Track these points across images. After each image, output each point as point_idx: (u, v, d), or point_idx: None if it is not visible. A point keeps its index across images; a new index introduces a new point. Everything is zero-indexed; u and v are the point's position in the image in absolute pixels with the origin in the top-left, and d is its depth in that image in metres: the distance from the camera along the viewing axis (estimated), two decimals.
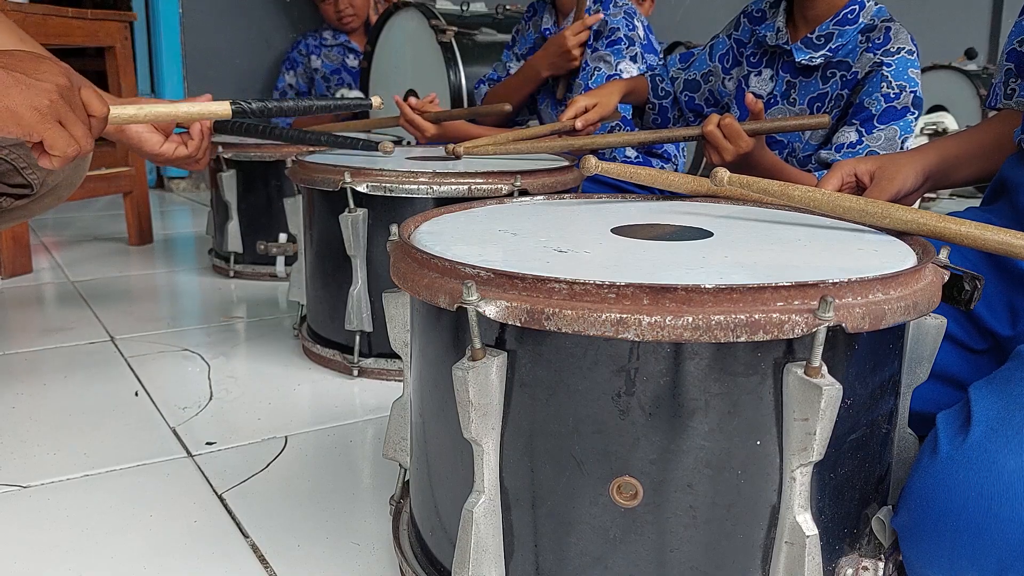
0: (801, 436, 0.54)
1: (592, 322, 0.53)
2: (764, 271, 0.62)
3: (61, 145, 0.77)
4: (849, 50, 1.36)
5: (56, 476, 0.97)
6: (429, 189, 1.17)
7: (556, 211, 0.88)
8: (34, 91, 0.74)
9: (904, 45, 1.34)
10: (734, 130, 1.23)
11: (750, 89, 1.49)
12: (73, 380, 1.27)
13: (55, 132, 0.76)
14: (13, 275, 1.88)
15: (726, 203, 0.93)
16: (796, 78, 1.43)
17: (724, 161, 1.26)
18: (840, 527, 0.62)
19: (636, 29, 1.85)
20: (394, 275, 0.66)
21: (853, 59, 1.36)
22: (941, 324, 0.66)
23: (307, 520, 0.88)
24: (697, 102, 1.63)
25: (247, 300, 1.75)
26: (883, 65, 1.33)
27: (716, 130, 1.24)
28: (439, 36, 2.39)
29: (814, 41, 1.38)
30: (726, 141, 1.24)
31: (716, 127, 1.24)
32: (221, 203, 1.85)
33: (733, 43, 1.56)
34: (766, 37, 1.45)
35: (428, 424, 0.69)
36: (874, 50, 1.34)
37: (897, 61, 1.33)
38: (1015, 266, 0.85)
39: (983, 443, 0.58)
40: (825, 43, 1.37)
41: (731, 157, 1.25)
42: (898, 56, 1.33)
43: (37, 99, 0.74)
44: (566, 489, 0.59)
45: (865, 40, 1.36)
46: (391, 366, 1.27)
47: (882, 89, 1.33)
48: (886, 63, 1.32)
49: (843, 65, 1.37)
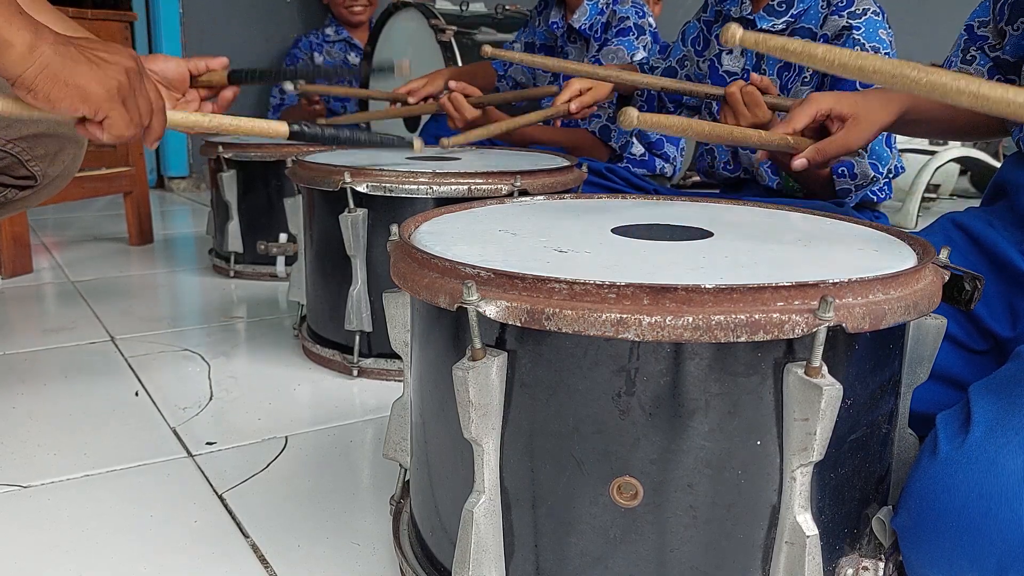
0: (801, 436, 0.54)
1: (592, 322, 0.53)
2: (764, 271, 0.62)
3: (120, 126, 0.79)
4: (810, 15, 1.37)
5: (56, 476, 0.97)
6: (429, 189, 1.17)
7: (556, 211, 0.88)
8: (104, 71, 0.76)
9: (869, 6, 1.35)
10: (755, 98, 1.24)
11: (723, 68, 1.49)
12: (73, 380, 1.27)
13: (119, 112, 0.78)
14: (14, 275, 1.88)
15: (726, 203, 0.93)
16: None
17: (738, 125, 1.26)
18: (840, 527, 0.62)
19: (646, 16, 1.85)
20: (394, 275, 0.66)
21: (816, 24, 1.37)
22: (941, 324, 0.66)
23: (307, 520, 0.88)
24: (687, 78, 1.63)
25: (247, 300, 1.75)
26: (852, 28, 1.33)
27: (737, 93, 1.25)
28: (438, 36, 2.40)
29: (775, 8, 1.39)
30: (744, 107, 1.25)
31: (738, 91, 1.25)
32: (221, 203, 1.85)
33: (703, 25, 1.57)
34: (731, 11, 1.46)
35: (428, 424, 0.69)
36: (838, 12, 1.35)
37: (865, 23, 1.33)
38: (1015, 267, 0.85)
39: (983, 444, 0.58)
40: (787, 9, 1.39)
41: (746, 123, 1.26)
42: (865, 18, 1.34)
43: (106, 79, 0.76)
44: (566, 489, 0.59)
45: (826, 4, 1.37)
46: (391, 366, 1.27)
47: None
48: (855, 26, 1.33)
49: (805, 31, 1.39)
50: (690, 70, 1.59)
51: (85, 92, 0.75)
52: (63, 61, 0.73)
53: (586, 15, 1.83)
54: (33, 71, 0.72)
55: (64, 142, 1.16)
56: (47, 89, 0.73)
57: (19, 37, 0.70)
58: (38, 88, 0.73)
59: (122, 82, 0.78)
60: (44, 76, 0.72)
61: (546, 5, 2.01)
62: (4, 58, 0.70)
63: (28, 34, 0.71)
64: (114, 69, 0.77)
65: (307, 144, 1.54)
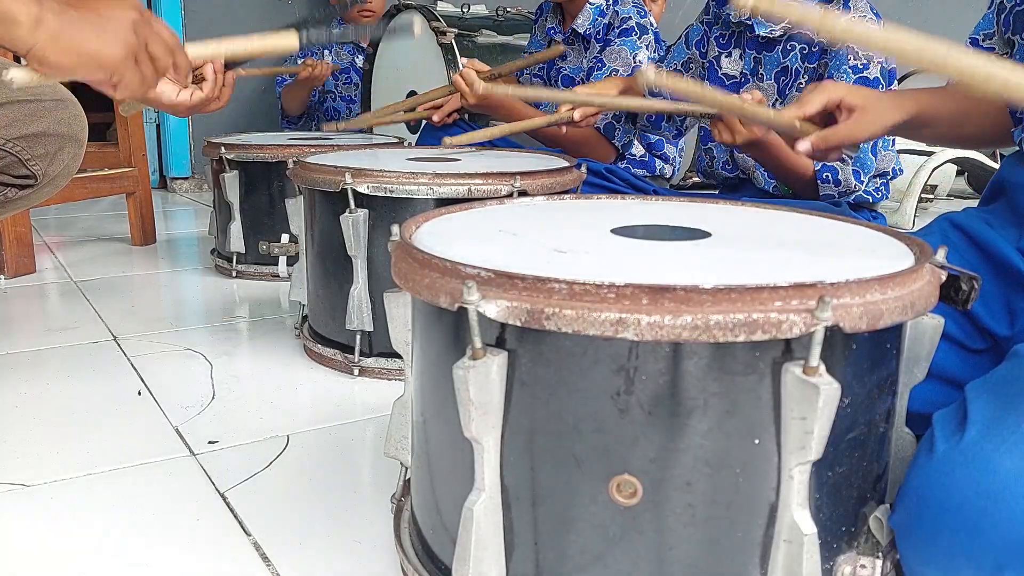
0: (799, 435, 0.55)
1: (591, 322, 0.53)
2: (762, 271, 0.63)
3: (134, 84, 0.78)
4: None
5: (59, 475, 0.97)
6: (429, 190, 1.17)
7: (556, 211, 0.89)
8: (110, 31, 0.75)
9: (864, 14, 1.35)
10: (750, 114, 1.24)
11: (722, 71, 1.50)
12: (76, 379, 1.28)
13: (132, 72, 0.77)
14: (17, 275, 1.89)
15: (725, 203, 0.93)
16: (760, 53, 1.46)
17: (735, 142, 1.28)
18: (838, 525, 0.62)
19: (647, 16, 1.85)
20: (395, 275, 0.67)
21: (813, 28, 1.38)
22: (939, 324, 0.66)
23: (309, 518, 0.88)
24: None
25: (249, 300, 1.75)
26: None
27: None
28: (440, 38, 2.40)
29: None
30: (739, 123, 1.25)
31: None
32: (224, 204, 1.86)
33: (705, 28, 1.57)
34: (730, 16, 1.47)
35: (429, 423, 0.70)
36: None
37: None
38: (1013, 266, 0.85)
39: (979, 442, 0.58)
40: None
41: (742, 140, 1.26)
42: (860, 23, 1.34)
43: (115, 40, 0.75)
44: (566, 487, 0.59)
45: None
46: (391, 365, 1.28)
47: (849, 61, 1.34)
48: None
49: (802, 37, 1.39)
50: (695, 72, 1.60)
51: (97, 57, 0.74)
52: (70, 29, 0.72)
53: (590, 20, 1.83)
54: (42, 44, 0.71)
55: (64, 141, 1.16)
56: (58, 60, 0.72)
57: (24, 11, 0.70)
58: (49, 59, 0.72)
59: (130, 40, 0.76)
60: (54, 48, 0.72)
61: (541, 13, 2.02)
62: (12, 34, 0.70)
63: (34, 6, 0.70)
64: (120, 25, 0.76)
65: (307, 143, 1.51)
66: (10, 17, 0.69)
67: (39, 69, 0.73)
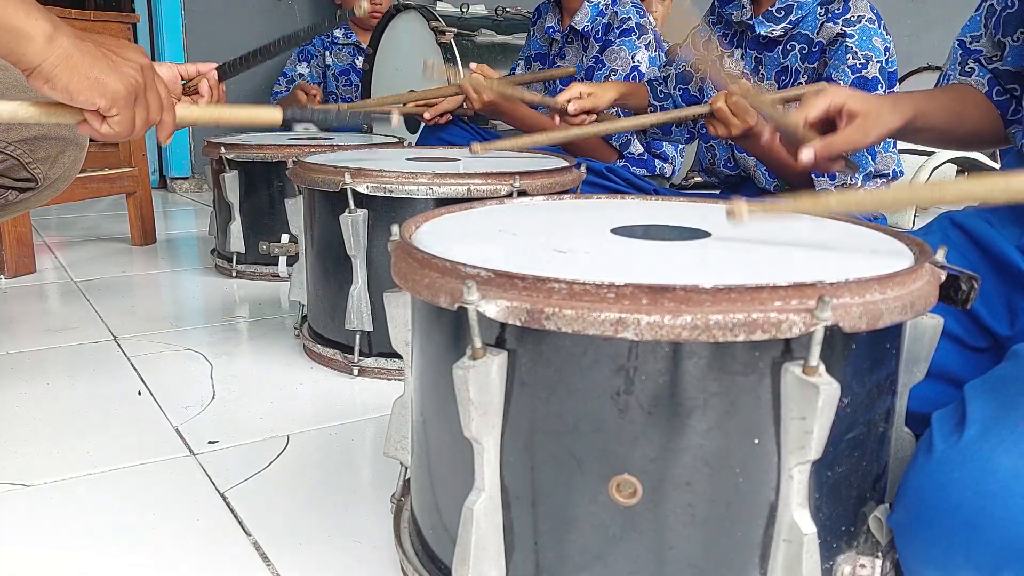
0: (799, 435, 0.55)
1: (591, 322, 0.53)
2: (762, 271, 0.63)
3: (125, 123, 0.80)
4: (808, 21, 1.39)
5: (59, 475, 0.97)
6: (429, 190, 1.17)
7: (556, 211, 0.89)
8: (120, 67, 0.78)
9: (864, 13, 1.36)
10: (741, 106, 1.27)
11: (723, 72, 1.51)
12: (76, 379, 1.28)
13: (128, 111, 0.79)
14: (17, 275, 1.89)
15: (724, 204, 0.93)
16: (761, 52, 1.47)
17: (731, 135, 1.31)
18: (838, 525, 0.62)
19: (647, 16, 1.85)
20: (395, 275, 0.67)
21: (812, 30, 1.39)
22: (938, 324, 0.66)
23: (309, 518, 0.88)
24: (692, 93, 1.65)
25: (249, 300, 1.75)
26: (845, 36, 1.35)
27: (725, 107, 1.29)
28: (439, 38, 2.40)
29: (774, 14, 1.41)
30: (733, 117, 1.29)
31: (724, 103, 1.29)
32: (224, 204, 1.86)
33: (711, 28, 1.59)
34: (732, 15, 1.48)
35: (429, 423, 0.70)
36: (834, 20, 1.37)
37: (859, 31, 1.35)
38: (1014, 265, 0.85)
39: (978, 442, 0.58)
40: (785, 15, 1.40)
41: (738, 132, 1.30)
42: (859, 25, 1.35)
43: (124, 75, 0.77)
44: (566, 487, 0.59)
45: (824, 11, 1.39)
46: (391, 365, 1.28)
47: (847, 61, 1.35)
48: (848, 33, 1.35)
49: (802, 37, 1.40)
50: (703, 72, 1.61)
51: (103, 85, 0.76)
52: (82, 54, 0.74)
53: (587, 16, 1.83)
54: (52, 61, 0.72)
55: (65, 144, 1.16)
56: (66, 79, 0.74)
57: (38, 29, 0.71)
58: (56, 78, 0.73)
59: (137, 80, 0.79)
60: (63, 67, 0.73)
61: (540, 15, 2.02)
62: (23, 49, 0.71)
63: (47, 25, 0.72)
64: (130, 66, 0.78)
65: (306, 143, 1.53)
66: (25, 33, 0.71)
67: (41, 88, 0.74)
